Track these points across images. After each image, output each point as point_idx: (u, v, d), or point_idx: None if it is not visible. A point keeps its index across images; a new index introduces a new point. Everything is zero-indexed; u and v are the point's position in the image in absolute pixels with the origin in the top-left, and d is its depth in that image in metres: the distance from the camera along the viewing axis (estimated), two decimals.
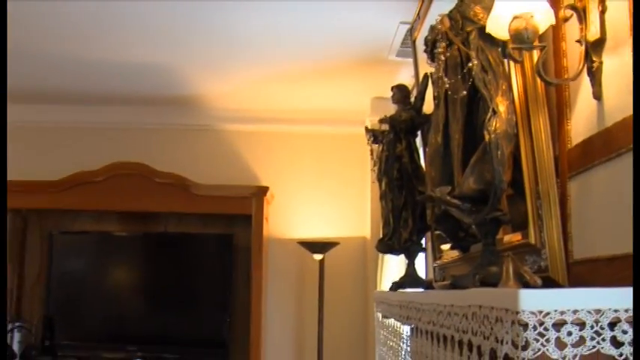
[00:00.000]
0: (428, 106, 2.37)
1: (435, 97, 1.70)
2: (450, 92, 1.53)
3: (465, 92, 1.45)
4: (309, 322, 4.47)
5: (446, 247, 2.36)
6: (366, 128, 2.59)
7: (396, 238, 2.38)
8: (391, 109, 2.64)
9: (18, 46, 3.48)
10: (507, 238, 1.65)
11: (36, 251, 4.55)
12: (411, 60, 2.94)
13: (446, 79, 1.51)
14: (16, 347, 4.29)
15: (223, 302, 4.29)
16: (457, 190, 1.43)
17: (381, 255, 3.75)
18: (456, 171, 1.51)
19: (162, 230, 4.53)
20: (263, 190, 4.19)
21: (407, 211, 2.35)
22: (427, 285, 2.35)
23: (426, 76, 2.26)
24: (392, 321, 2.52)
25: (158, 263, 4.46)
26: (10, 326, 4.29)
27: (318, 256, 4.28)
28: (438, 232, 2.30)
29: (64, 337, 4.35)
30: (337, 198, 4.58)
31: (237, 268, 4.32)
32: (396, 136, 2.38)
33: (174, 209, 4.29)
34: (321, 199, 4.59)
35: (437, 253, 2.40)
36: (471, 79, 1.39)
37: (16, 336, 4.33)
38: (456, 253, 2.15)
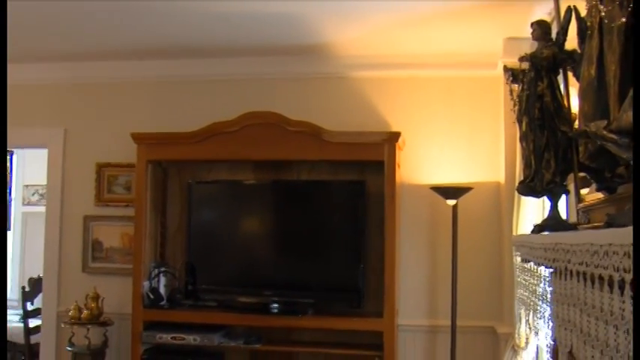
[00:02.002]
0: (568, 43, 2.27)
1: (587, 28, 1.61)
2: (605, 21, 1.45)
3: (623, 19, 1.36)
4: (442, 268, 4.46)
5: (584, 191, 2.28)
6: (505, 67, 2.51)
7: (538, 179, 2.31)
8: (525, 49, 2.54)
9: (149, 3, 3.60)
10: None
11: (176, 201, 4.75)
12: None
13: (602, 7, 1.43)
14: (162, 290, 4.52)
15: (356, 249, 4.33)
16: (614, 124, 1.36)
17: (516, 199, 3.67)
18: (612, 104, 1.43)
19: (294, 178, 4.60)
20: (395, 136, 4.16)
21: (549, 152, 2.27)
22: (572, 227, 2.27)
23: (569, 10, 2.16)
24: (532, 264, 2.46)
25: (291, 211, 4.54)
26: (156, 271, 4.53)
27: (451, 202, 4.23)
28: (582, 173, 2.22)
29: (204, 282, 4.55)
30: (469, 142, 4.50)
31: (369, 215, 4.34)
32: (537, 75, 2.29)
33: (306, 157, 4.34)
34: (452, 144, 4.52)
35: (579, 196, 2.32)
36: (630, 5, 1.31)
37: (162, 280, 4.56)
38: (600, 195, 2.07)
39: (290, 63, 4.66)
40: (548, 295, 2.18)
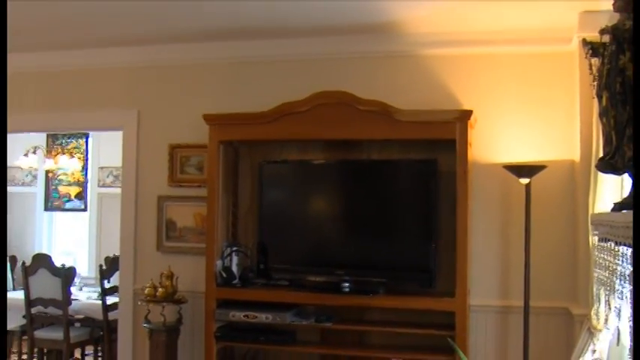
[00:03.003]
0: None
1: None
2: None
3: None
4: (514, 247, 4.39)
5: None
6: (584, 41, 2.43)
7: (619, 156, 2.24)
8: (602, 23, 2.46)
9: None
10: None
11: (247, 181, 4.81)
12: None
13: None
14: (234, 269, 4.59)
15: (428, 228, 4.30)
16: None
17: (592, 177, 3.58)
18: None
19: (364, 157, 4.59)
20: (467, 114, 4.10)
21: (631, 128, 2.20)
22: None
23: None
24: (611, 244, 2.40)
25: (361, 190, 4.54)
26: (228, 250, 4.60)
27: (524, 180, 4.16)
28: None
29: (275, 261, 4.60)
30: (543, 120, 4.40)
31: (440, 194, 4.30)
32: (618, 48, 2.21)
33: (376, 136, 4.32)
34: (525, 122, 4.43)
35: None
36: None
37: (234, 259, 4.63)
38: None
39: (360, 42, 4.65)
40: (625, 275, 2.13)
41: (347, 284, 4.34)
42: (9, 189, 9.52)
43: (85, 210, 9.50)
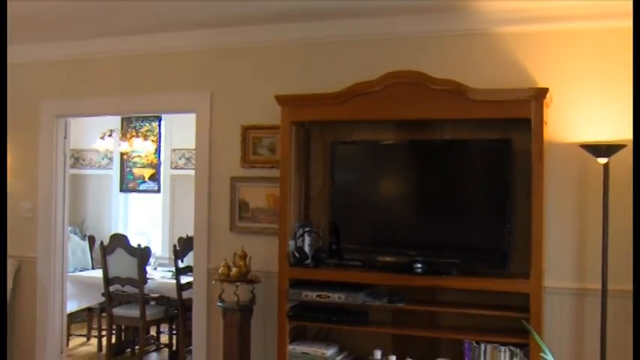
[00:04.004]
0: None
1: None
2: None
3: None
4: (591, 228, 4.29)
5: None
6: None
7: None
8: None
9: None
10: None
11: (319, 161, 4.82)
12: None
13: None
14: (307, 249, 4.62)
15: (502, 209, 4.24)
16: None
17: None
18: None
19: (437, 137, 4.55)
20: (542, 92, 4.01)
21: None
22: None
23: None
24: None
25: (433, 170, 4.51)
26: (300, 231, 4.63)
27: (602, 160, 4.05)
28: None
29: (347, 242, 4.61)
30: (621, 98, 4.25)
31: (515, 174, 4.23)
32: None
33: (449, 116, 4.27)
34: (603, 100, 4.31)
35: None
36: None
37: (307, 239, 4.66)
38: None
39: (433, 20, 4.58)
40: None
41: (419, 265, 4.32)
42: (87, 171, 9.82)
43: (158, 191, 9.72)
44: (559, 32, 4.41)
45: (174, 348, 7.45)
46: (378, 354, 4.44)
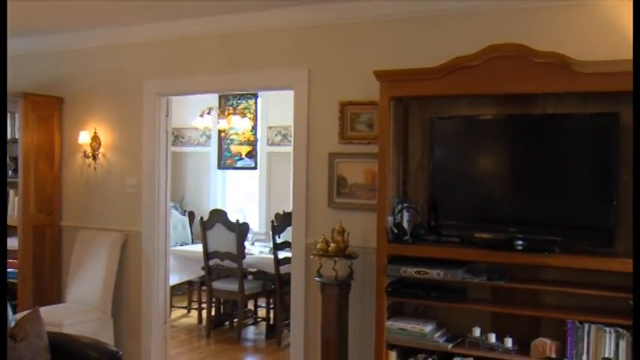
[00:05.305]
0: None
1: None
2: None
3: None
4: None
5: None
6: None
7: None
8: None
9: None
10: None
11: (417, 137, 4.78)
12: None
13: None
14: (406, 225, 4.61)
15: (607, 185, 4.10)
16: None
17: None
18: None
19: (539, 112, 4.43)
20: None
21: None
22: None
23: None
24: None
25: (534, 145, 4.37)
26: (399, 207, 4.62)
27: None
28: None
29: (446, 218, 4.56)
30: None
31: (622, 149, 4.08)
32: None
33: (553, 89, 4.14)
34: None
35: None
36: None
37: (405, 215, 4.65)
38: None
39: None
40: None
41: (520, 242, 4.24)
42: (186, 149, 10.08)
43: (255, 168, 9.88)
44: None
45: (271, 322, 7.61)
46: (476, 331, 4.40)
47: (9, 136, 6.55)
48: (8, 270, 6.47)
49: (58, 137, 6.61)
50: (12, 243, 6.45)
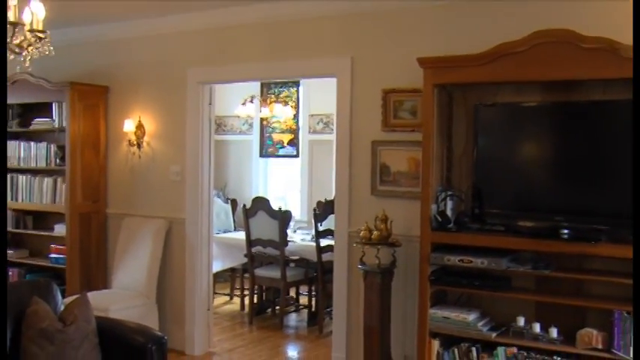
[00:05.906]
0: None
1: None
2: None
3: None
4: None
5: None
6: None
7: None
8: None
9: None
10: None
11: (461, 124, 4.73)
12: None
13: None
14: (449, 213, 4.57)
15: None
16: None
17: None
18: None
19: (586, 99, 4.35)
20: None
21: None
22: None
23: None
24: None
25: (579, 133, 4.29)
26: (442, 195, 4.59)
27: None
28: None
29: (490, 206, 4.52)
30: None
31: None
32: None
33: (601, 75, 4.05)
34: None
35: None
36: None
37: (449, 203, 4.61)
38: None
39: None
40: None
41: (566, 231, 4.18)
42: (228, 137, 10.14)
43: (296, 156, 9.90)
44: None
45: (313, 309, 7.63)
46: (521, 321, 4.36)
47: (56, 125, 6.65)
48: (57, 256, 6.62)
49: (103, 126, 6.71)
50: (60, 230, 6.59)
